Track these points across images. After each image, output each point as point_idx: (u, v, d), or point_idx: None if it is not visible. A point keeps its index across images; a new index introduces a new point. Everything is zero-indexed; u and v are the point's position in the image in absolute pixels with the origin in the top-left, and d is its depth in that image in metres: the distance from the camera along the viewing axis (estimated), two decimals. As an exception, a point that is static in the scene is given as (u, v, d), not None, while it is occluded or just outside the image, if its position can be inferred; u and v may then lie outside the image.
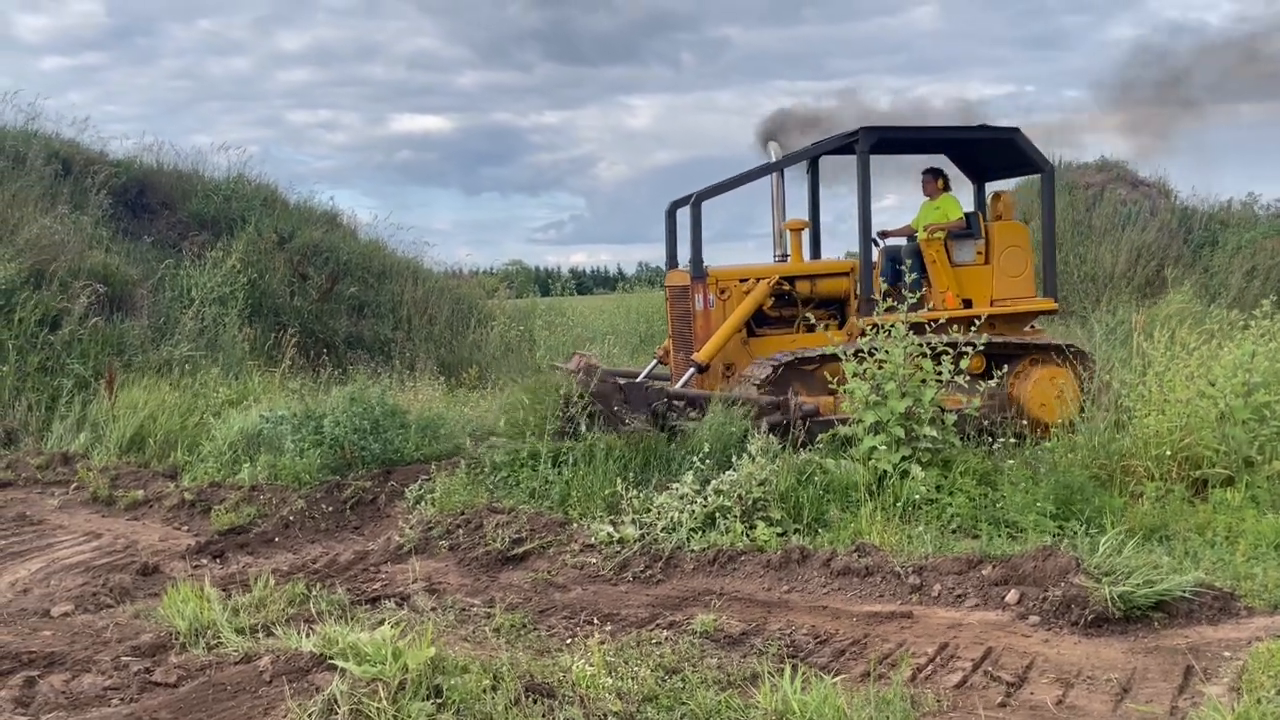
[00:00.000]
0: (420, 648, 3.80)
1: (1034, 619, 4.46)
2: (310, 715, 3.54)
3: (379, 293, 15.81)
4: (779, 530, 5.73)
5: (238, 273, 13.13)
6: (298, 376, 11.22)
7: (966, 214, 9.38)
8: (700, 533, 5.75)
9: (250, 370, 11.15)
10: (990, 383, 7.21)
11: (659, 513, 5.96)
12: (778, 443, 6.57)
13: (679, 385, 8.20)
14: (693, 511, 5.88)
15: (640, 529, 5.84)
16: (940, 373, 6.47)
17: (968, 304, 8.96)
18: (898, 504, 5.79)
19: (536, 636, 4.50)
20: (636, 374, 9.26)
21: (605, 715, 3.51)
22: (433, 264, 17.98)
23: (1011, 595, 4.64)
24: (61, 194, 13.32)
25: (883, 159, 9.90)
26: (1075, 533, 5.31)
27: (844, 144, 9.03)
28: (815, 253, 10.08)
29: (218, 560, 6.14)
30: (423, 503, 6.90)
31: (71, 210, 13.00)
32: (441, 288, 16.95)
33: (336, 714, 3.56)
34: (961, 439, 6.61)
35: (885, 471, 6.11)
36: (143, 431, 8.94)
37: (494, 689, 3.66)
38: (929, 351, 6.45)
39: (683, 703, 3.63)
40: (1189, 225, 19.48)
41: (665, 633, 4.45)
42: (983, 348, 7.14)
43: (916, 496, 5.82)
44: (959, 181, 10.00)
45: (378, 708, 3.53)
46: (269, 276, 14.26)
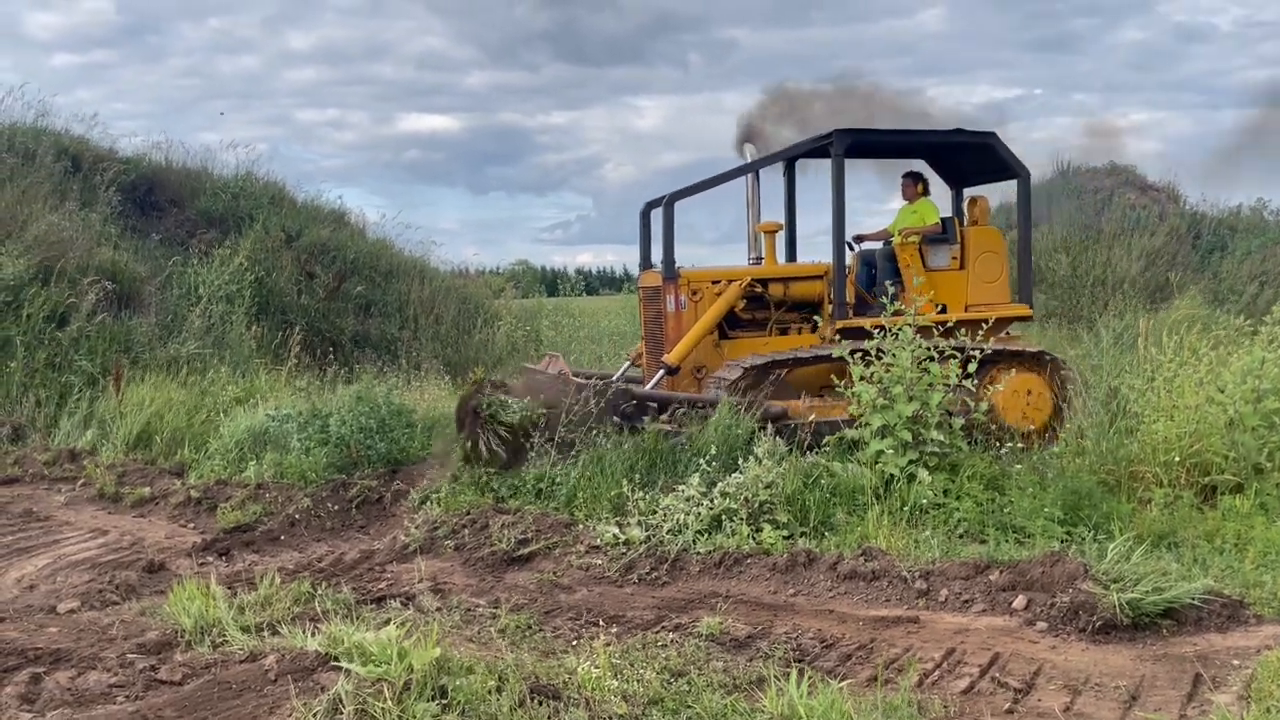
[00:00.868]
0: (425, 648, 3.80)
1: (1042, 625, 4.44)
2: (315, 715, 3.54)
3: (386, 292, 15.83)
4: (785, 533, 5.71)
5: (245, 271, 13.15)
6: (304, 375, 11.23)
7: (943, 219, 9.32)
8: (706, 535, 5.74)
9: (257, 368, 11.17)
10: (967, 382, 7.09)
11: (665, 514, 5.95)
12: (784, 445, 6.56)
13: (649, 387, 8.13)
14: (699, 514, 5.87)
15: (646, 531, 5.83)
16: (948, 377, 6.45)
17: (942, 309, 8.85)
18: (905, 508, 5.77)
19: (542, 638, 4.50)
20: (608, 376, 9.23)
21: (610, 718, 3.49)
22: (439, 263, 18.03)
23: (1019, 601, 4.62)
24: (71, 191, 13.35)
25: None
26: (1084, 539, 5.28)
27: (819, 146, 8.99)
28: (791, 255, 10.04)
29: (223, 558, 6.15)
30: (428, 502, 6.90)
31: (80, 207, 13.03)
32: (448, 287, 16.96)
33: (341, 714, 3.55)
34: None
35: (892, 475, 6.09)
36: (150, 429, 8.96)
37: (499, 690, 3.65)
38: (937, 355, 6.43)
39: (688, 706, 3.61)
40: (1198, 230, 19.45)
41: (671, 635, 4.43)
42: (989, 352, 7.10)
43: (924, 501, 5.80)
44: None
45: (383, 708, 3.52)
46: (276, 275, 14.28)
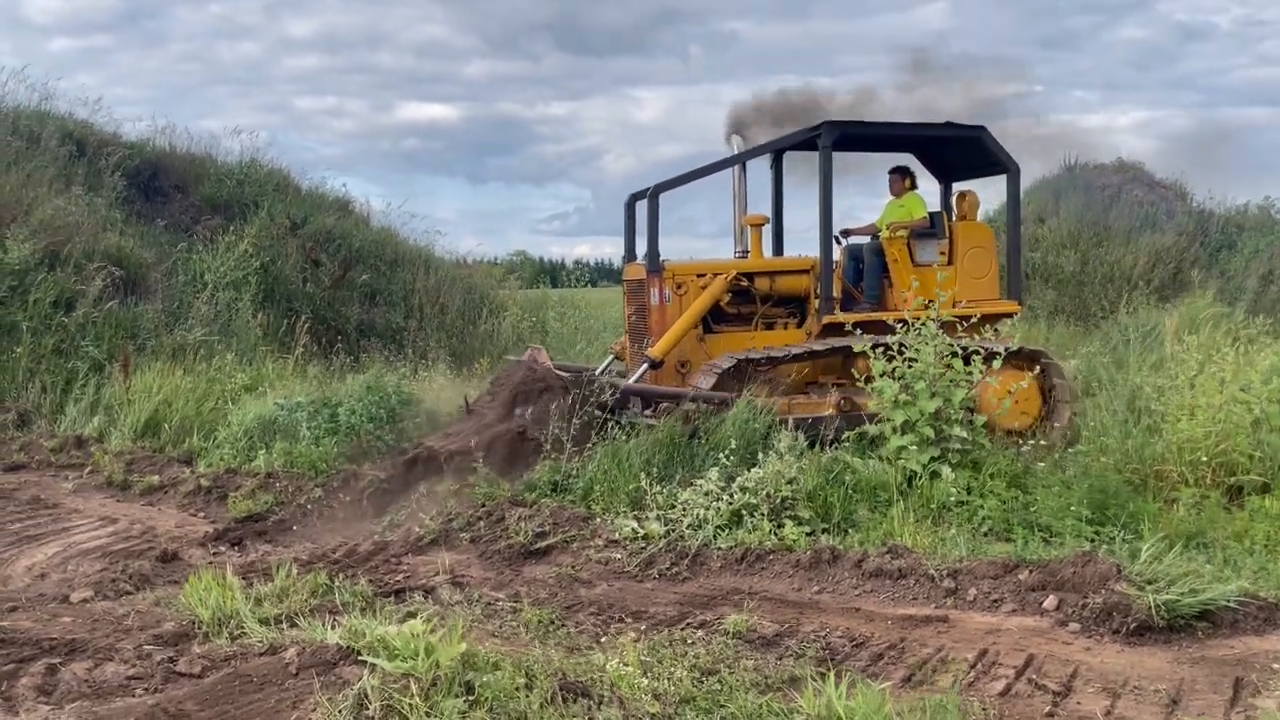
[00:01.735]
0: (451, 643, 3.73)
1: (1074, 626, 4.36)
2: (341, 711, 3.46)
3: (391, 281, 15.69)
4: (807, 530, 5.64)
5: (250, 258, 13.04)
6: (311, 364, 11.14)
7: (931, 213, 9.19)
8: (727, 530, 5.66)
9: (264, 356, 11.07)
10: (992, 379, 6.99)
11: (684, 509, 5.87)
12: (804, 440, 6.49)
13: (632, 380, 8.01)
14: (718, 509, 5.79)
15: (665, 525, 5.76)
16: (970, 373, 6.38)
17: (929, 305, 8.75)
18: (929, 505, 5.69)
19: (565, 633, 4.42)
20: (590, 369, 9.13)
21: (643, 717, 3.42)
22: (443, 253, 17.90)
23: (1050, 601, 4.55)
24: (76, 175, 13.22)
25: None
26: (1112, 538, 5.21)
27: (807, 139, 8.86)
28: (777, 249, 9.92)
29: (236, 548, 6.07)
30: (444, 494, 6.80)
31: (85, 191, 12.90)
32: (453, 277, 16.84)
33: (368, 709, 3.48)
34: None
35: (914, 472, 6.02)
36: (158, 416, 8.87)
37: (528, 688, 3.58)
38: (960, 352, 6.35)
39: (722, 705, 3.54)
40: (1206, 228, 19.34)
41: (698, 633, 4.36)
42: (1013, 350, 7.02)
43: (949, 497, 5.72)
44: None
45: (410, 704, 3.45)
46: (281, 262, 14.15)
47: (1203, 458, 5.85)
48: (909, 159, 9.71)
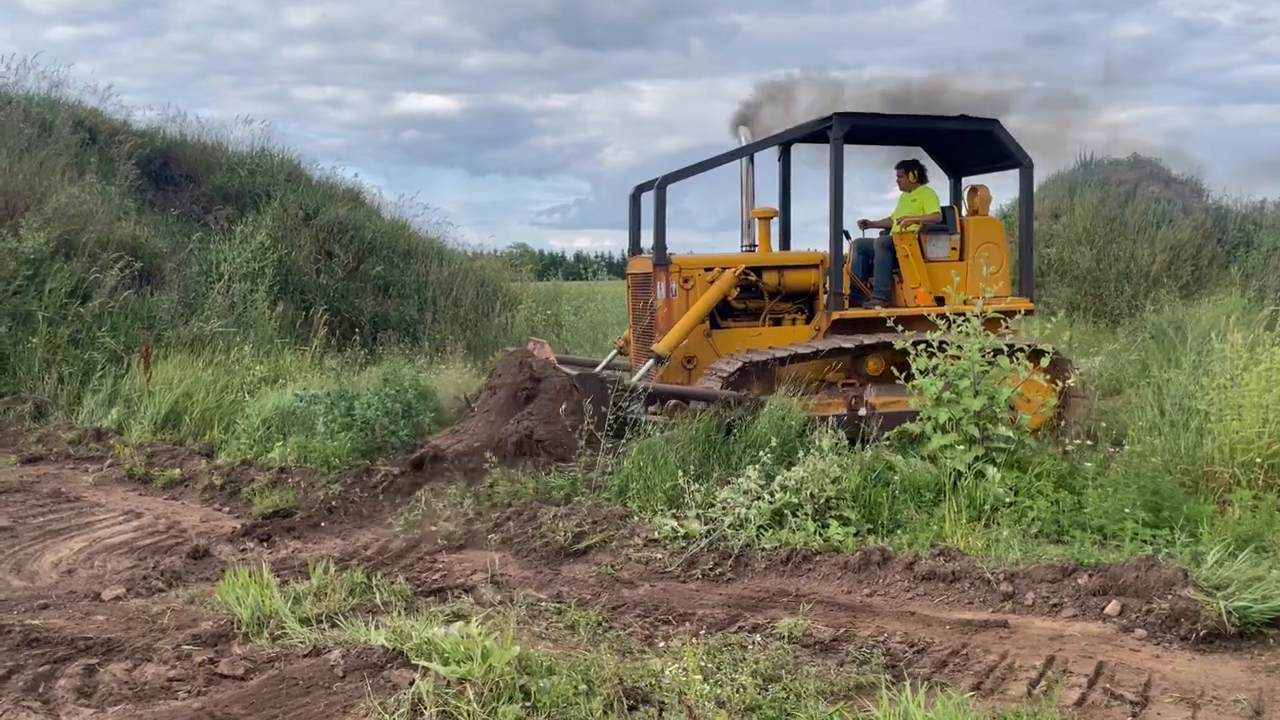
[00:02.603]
0: (504, 647, 3.60)
1: (1140, 632, 4.23)
2: (396, 716, 3.34)
3: (404, 273, 15.54)
4: (853, 530, 5.50)
5: (267, 249, 12.89)
6: (329, 355, 10.99)
7: (943, 208, 9.05)
8: (769, 530, 5.53)
9: (281, 348, 10.93)
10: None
11: (724, 508, 5.74)
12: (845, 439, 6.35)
13: (638, 377, 7.84)
14: (760, 508, 5.66)
15: (705, 524, 5.62)
16: (1014, 371, 6.24)
17: (940, 301, 8.48)
18: (978, 505, 5.55)
19: (614, 636, 4.29)
20: (594, 364, 8.99)
21: (711, 726, 3.30)
22: (455, 245, 17.74)
23: (1112, 606, 4.41)
24: (89, 163, 13.06)
25: None
26: (1171, 541, 5.08)
27: (817, 130, 8.71)
28: (785, 243, 9.76)
29: (265, 544, 5.93)
30: (465, 493, 6.66)
31: (99, 180, 12.74)
32: (466, 270, 16.68)
33: (423, 715, 3.35)
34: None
35: (959, 472, 5.88)
36: (177, 408, 8.72)
37: (589, 694, 3.45)
38: (1006, 349, 6.21)
39: (790, 714, 3.42)
40: (1223, 226, 19.17)
41: (753, 637, 4.23)
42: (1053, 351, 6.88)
43: (999, 499, 5.58)
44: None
45: (468, 710, 3.33)
46: (295, 254, 14.00)
47: (1256, 459, 5.71)
48: (914, 153, 9.56)
